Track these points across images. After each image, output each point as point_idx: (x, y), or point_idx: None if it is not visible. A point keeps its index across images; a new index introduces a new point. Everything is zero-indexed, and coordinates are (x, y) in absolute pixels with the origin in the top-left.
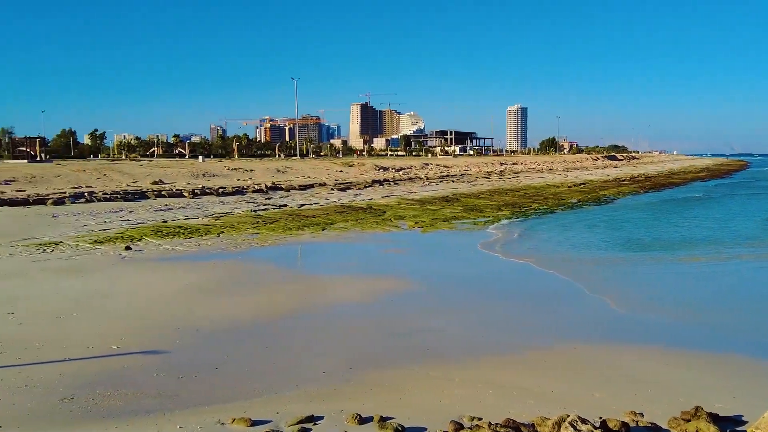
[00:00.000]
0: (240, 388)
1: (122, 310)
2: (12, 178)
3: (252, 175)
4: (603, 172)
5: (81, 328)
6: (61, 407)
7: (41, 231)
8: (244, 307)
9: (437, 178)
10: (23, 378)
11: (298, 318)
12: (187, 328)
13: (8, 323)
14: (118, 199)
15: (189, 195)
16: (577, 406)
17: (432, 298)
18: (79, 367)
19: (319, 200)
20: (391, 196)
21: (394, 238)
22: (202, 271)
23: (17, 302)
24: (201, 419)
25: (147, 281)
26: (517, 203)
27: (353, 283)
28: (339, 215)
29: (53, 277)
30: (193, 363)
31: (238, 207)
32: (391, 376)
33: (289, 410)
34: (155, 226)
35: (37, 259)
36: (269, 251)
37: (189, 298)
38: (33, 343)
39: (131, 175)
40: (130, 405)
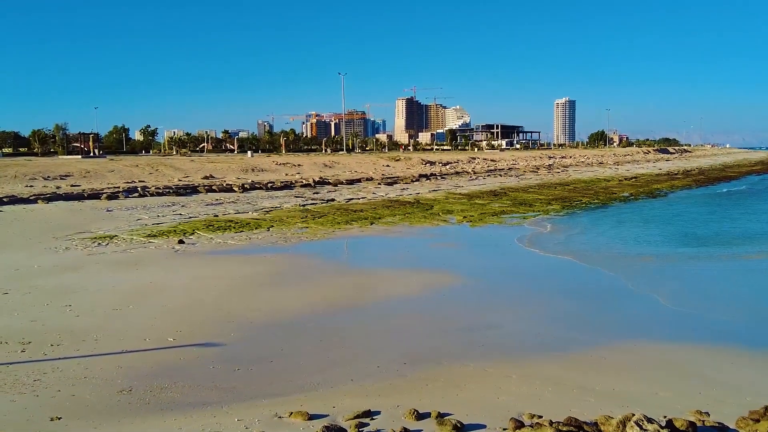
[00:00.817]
0: (295, 381)
1: (177, 303)
2: (67, 173)
3: (300, 170)
4: (654, 165)
5: (137, 321)
6: (120, 399)
7: (96, 225)
8: (297, 301)
9: (484, 172)
10: (82, 370)
11: (350, 312)
12: (241, 321)
13: (66, 315)
14: (170, 194)
15: (239, 189)
16: (639, 404)
17: (484, 294)
18: (137, 359)
19: (367, 195)
20: (439, 190)
21: (443, 232)
22: (253, 265)
23: (74, 295)
24: (258, 412)
25: (200, 274)
26: (567, 197)
27: (404, 278)
28: (387, 210)
29: (109, 270)
30: (248, 356)
31: (286, 201)
32: (447, 372)
33: (346, 404)
34: (207, 220)
35: (92, 253)
36: (319, 245)
37: (242, 291)
38: (91, 335)
39: (182, 170)
40: (188, 397)
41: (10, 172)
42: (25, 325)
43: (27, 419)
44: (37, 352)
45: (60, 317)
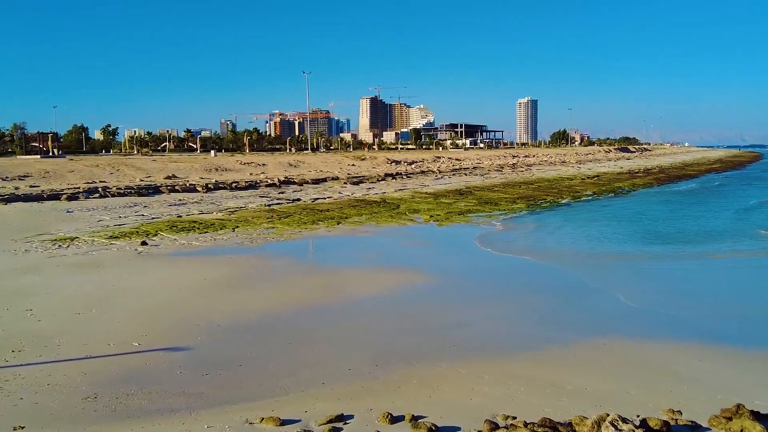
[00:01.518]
0: (266, 385)
1: (141, 306)
2: (26, 173)
3: (264, 170)
4: (616, 164)
5: (101, 325)
6: (85, 407)
7: (56, 226)
8: (264, 302)
9: (450, 171)
10: (45, 376)
11: (319, 313)
12: (208, 324)
13: (27, 320)
14: (132, 194)
15: (202, 189)
16: (612, 403)
17: (454, 293)
18: (101, 364)
19: (333, 194)
20: (405, 189)
21: (410, 231)
22: (219, 266)
23: (35, 298)
24: (228, 418)
25: (164, 276)
26: (532, 196)
27: (372, 277)
28: (353, 209)
29: (70, 272)
30: (216, 360)
31: (251, 201)
32: (419, 374)
33: (318, 409)
34: (170, 220)
35: (53, 255)
36: (285, 246)
37: (208, 293)
38: (53, 341)
39: (144, 169)
40: (155, 404)
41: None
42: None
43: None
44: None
45: (21, 322)
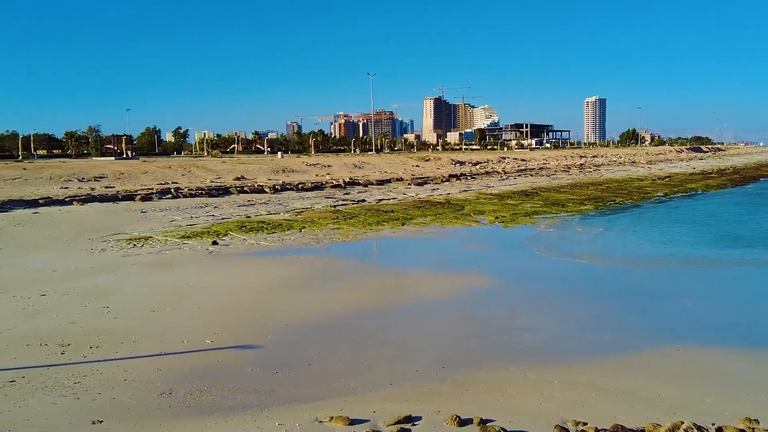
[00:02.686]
0: (334, 385)
1: (213, 305)
2: (101, 174)
3: (330, 171)
4: (688, 164)
5: (175, 323)
6: (160, 402)
7: (131, 226)
8: (331, 303)
9: (515, 172)
10: (121, 372)
11: (385, 314)
12: (277, 323)
13: (104, 317)
14: (203, 195)
15: (270, 190)
16: (687, 411)
17: (519, 296)
18: (175, 361)
19: (397, 195)
20: (469, 190)
21: (475, 233)
22: (287, 266)
23: (111, 296)
24: (298, 416)
25: (234, 276)
26: (600, 197)
27: (438, 279)
28: (418, 210)
29: (144, 271)
30: (286, 359)
31: (317, 202)
32: (487, 377)
33: (386, 409)
34: (239, 221)
35: (128, 254)
36: (351, 246)
37: (276, 292)
38: (129, 337)
39: (214, 171)
40: (227, 400)
41: (45, 173)
42: (64, 327)
43: (69, 422)
44: (76, 354)
45: (98, 319)
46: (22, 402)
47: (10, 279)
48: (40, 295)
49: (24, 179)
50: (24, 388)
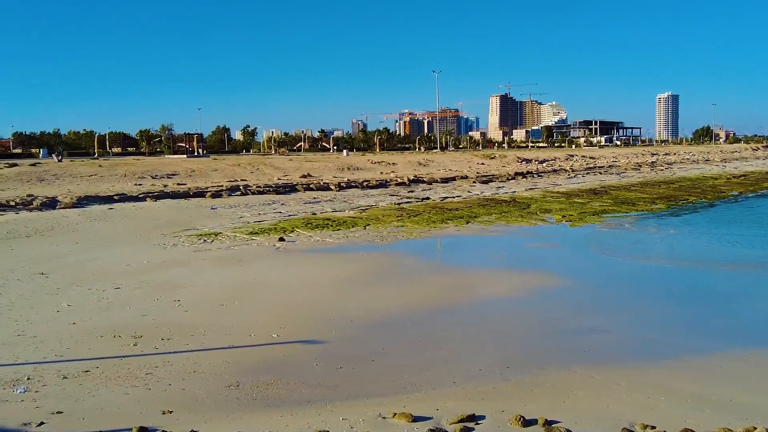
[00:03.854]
0: (397, 381)
1: (279, 300)
2: (173, 172)
3: (394, 169)
4: (765, 162)
5: (242, 317)
6: (228, 394)
7: (201, 222)
8: (395, 300)
9: (583, 170)
10: (191, 364)
11: (450, 312)
12: (341, 319)
13: (175, 310)
14: (270, 192)
15: (335, 188)
16: (760, 417)
17: (586, 296)
18: (243, 354)
19: (462, 193)
20: (535, 188)
21: (541, 231)
22: (351, 263)
23: (182, 290)
24: (362, 411)
25: (300, 272)
26: (672, 196)
27: (503, 278)
28: (482, 208)
29: (214, 266)
30: (350, 354)
31: (382, 200)
32: (552, 378)
33: (449, 407)
34: (305, 218)
35: (198, 249)
36: (415, 244)
37: (341, 289)
38: (199, 330)
39: (282, 169)
40: (293, 394)
41: (120, 171)
42: (136, 320)
43: (140, 412)
44: (148, 345)
45: (170, 312)
46: (96, 391)
47: (87, 272)
48: (114, 289)
49: (100, 176)
50: (98, 378)
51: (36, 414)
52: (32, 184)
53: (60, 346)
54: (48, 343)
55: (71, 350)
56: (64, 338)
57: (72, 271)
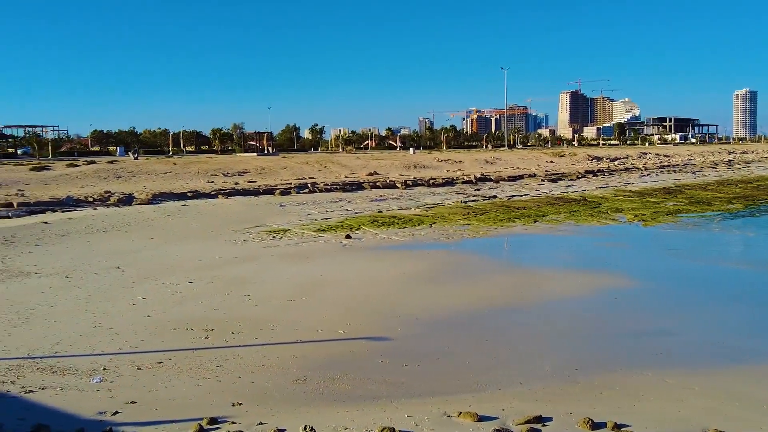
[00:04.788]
0: (463, 380)
1: (346, 296)
2: (244, 170)
3: (461, 167)
4: None
5: (309, 312)
6: (295, 388)
7: (271, 219)
8: (461, 298)
9: (656, 168)
10: (260, 358)
11: (516, 311)
12: (407, 317)
13: (245, 304)
14: (338, 190)
15: (401, 186)
16: None
17: (658, 299)
18: (310, 349)
19: (529, 191)
20: (606, 187)
21: (611, 231)
22: (417, 261)
23: (252, 285)
24: (427, 409)
25: (366, 269)
26: (750, 195)
27: (571, 278)
28: (551, 207)
29: (283, 262)
30: (415, 352)
31: (448, 198)
32: (622, 380)
33: (515, 408)
34: (372, 215)
35: (267, 245)
36: (481, 243)
37: (407, 286)
38: (268, 325)
39: (348, 167)
40: (358, 390)
41: (193, 168)
42: (208, 313)
43: (210, 403)
44: (219, 339)
45: (239, 306)
46: (168, 382)
47: (161, 267)
48: (187, 283)
49: (174, 174)
50: (171, 369)
51: (111, 403)
52: (109, 181)
53: (135, 337)
54: (123, 334)
55: (145, 342)
56: (139, 330)
57: (147, 266)
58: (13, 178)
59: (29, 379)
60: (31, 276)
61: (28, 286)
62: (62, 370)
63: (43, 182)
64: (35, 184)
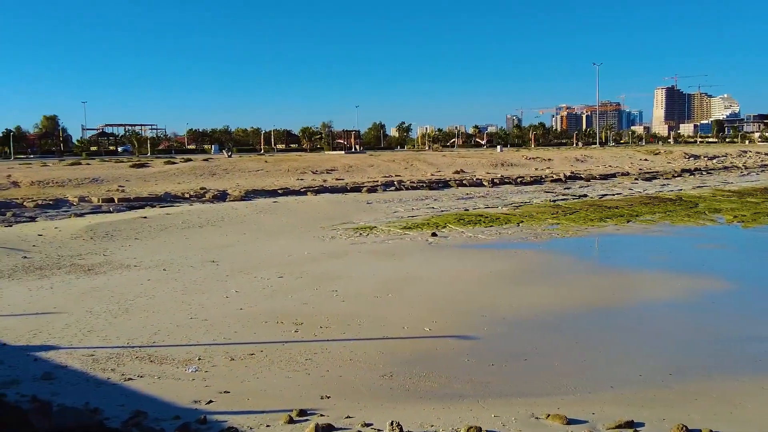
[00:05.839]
0: (551, 382)
1: (431, 294)
2: (332, 167)
3: (550, 165)
4: None
5: (395, 309)
6: (382, 383)
7: (357, 216)
8: (549, 299)
9: (758, 167)
10: (347, 352)
11: (607, 314)
12: (493, 316)
13: (333, 300)
14: (424, 188)
15: (488, 184)
16: None
17: (758, 302)
18: (396, 345)
19: (622, 190)
20: (704, 186)
21: (709, 232)
22: (504, 260)
23: (339, 281)
24: (514, 410)
25: (452, 267)
26: None
27: (666, 281)
28: (645, 207)
29: (369, 259)
30: (501, 352)
31: (536, 196)
32: (719, 387)
33: (606, 412)
34: (458, 214)
35: (354, 242)
36: (570, 243)
37: (493, 285)
38: (355, 320)
39: (435, 164)
40: (444, 388)
41: (284, 166)
42: (298, 308)
43: (300, 395)
44: (308, 333)
45: (327, 301)
46: (260, 374)
47: (253, 261)
48: (277, 277)
49: (265, 171)
50: (262, 361)
51: (205, 392)
52: (204, 178)
53: (228, 329)
54: (217, 326)
55: (238, 334)
56: (232, 322)
57: (239, 260)
58: (115, 175)
59: (129, 367)
60: (131, 268)
61: (127, 278)
62: (159, 359)
63: (143, 179)
64: (135, 181)
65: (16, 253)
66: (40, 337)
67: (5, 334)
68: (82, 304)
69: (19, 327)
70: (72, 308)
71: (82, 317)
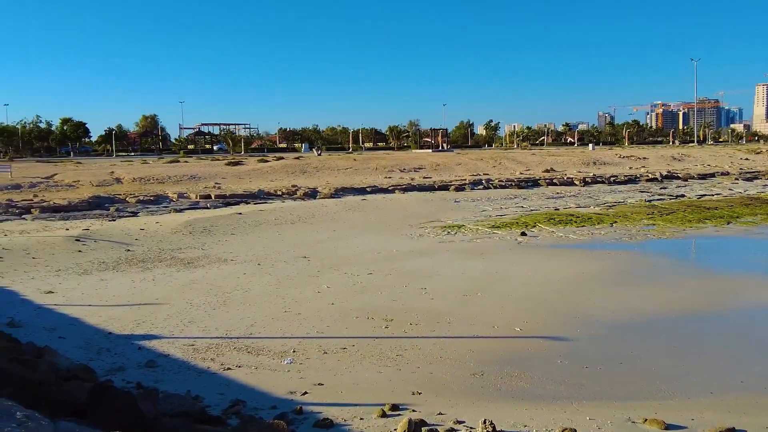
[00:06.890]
0: (648, 386)
1: (521, 294)
2: (419, 166)
3: (645, 163)
4: None
5: (485, 308)
6: (472, 382)
7: (445, 215)
8: (645, 301)
9: None
10: (438, 350)
11: (707, 318)
12: (586, 318)
13: (422, 298)
14: (512, 187)
15: (579, 183)
16: None
17: None
18: (486, 344)
19: (722, 191)
20: None
21: None
22: (596, 261)
23: (428, 279)
24: (610, 413)
25: (542, 267)
26: None
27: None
28: (746, 208)
29: (457, 257)
30: (595, 354)
31: (630, 196)
32: None
33: (706, 418)
34: (548, 213)
35: (442, 240)
36: (667, 244)
37: (585, 286)
38: (444, 318)
39: (523, 163)
40: (537, 389)
41: (372, 164)
42: (387, 304)
43: (392, 390)
44: (398, 329)
45: (417, 299)
46: (352, 368)
47: (343, 258)
48: (367, 274)
49: (354, 169)
50: (354, 355)
51: (300, 384)
52: (296, 176)
53: (320, 323)
54: (310, 320)
55: (330, 328)
56: (324, 317)
57: (330, 256)
58: (211, 172)
59: (227, 357)
60: (228, 262)
61: (225, 272)
62: (256, 350)
63: (237, 176)
64: (230, 178)
65: (120, 246)
66: (144, 326)
67: (111, 323)
68: (182, 296)
69: (124, 317)
70: (173, 299)
71: (182, 308)
